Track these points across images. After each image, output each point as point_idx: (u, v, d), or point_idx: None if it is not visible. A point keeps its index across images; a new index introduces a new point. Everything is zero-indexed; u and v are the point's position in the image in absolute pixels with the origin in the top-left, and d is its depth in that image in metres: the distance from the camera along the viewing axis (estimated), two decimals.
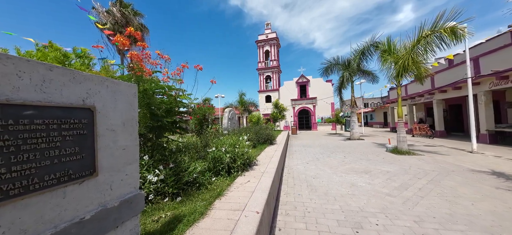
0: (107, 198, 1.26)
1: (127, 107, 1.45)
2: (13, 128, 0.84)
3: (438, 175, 5.05)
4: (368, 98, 49.22)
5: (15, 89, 0.87)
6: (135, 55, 2.48)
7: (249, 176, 3.33)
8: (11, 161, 0.83)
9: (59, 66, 1.05)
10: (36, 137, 0.91)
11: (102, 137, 1.24)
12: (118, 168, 1.34)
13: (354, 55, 13.30)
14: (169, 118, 2.86)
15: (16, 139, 0.85)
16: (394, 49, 8.71)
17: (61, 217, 1.00)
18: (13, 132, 0.84)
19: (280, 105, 21.83)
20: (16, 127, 0.85)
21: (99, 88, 1.25)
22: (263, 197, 2.33)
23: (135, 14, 17.93)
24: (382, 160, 6.84)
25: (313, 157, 7.72)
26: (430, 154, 7.90)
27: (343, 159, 7.24)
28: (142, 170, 2.53)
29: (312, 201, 3.51)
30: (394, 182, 4.49)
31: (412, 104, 18.57)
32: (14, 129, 0.84)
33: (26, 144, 0.88)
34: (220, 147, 3.53)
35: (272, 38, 31.37)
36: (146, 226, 1.85)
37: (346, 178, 4.83)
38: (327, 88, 27.98)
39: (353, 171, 5.47)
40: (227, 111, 7.75)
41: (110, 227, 1.25)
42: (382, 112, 34.05)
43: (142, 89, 2.57)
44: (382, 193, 3.84)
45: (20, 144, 0.86)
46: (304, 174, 5.35)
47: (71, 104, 1.08)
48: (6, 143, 0.82)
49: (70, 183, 1.04)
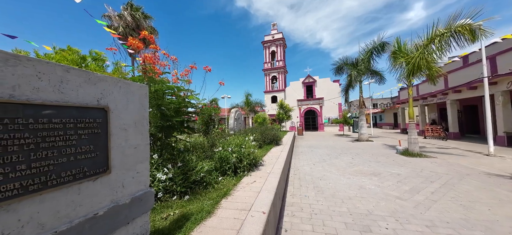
0: (119, 195, 1.29)
1: (139, 107, 1.49)
2: (33, 127, 0.88)
3: (452, 178, 4.85)
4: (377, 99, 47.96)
5: (35, 90, 0.91)
6: (148, 57, 2.55)
7: (255, 176, 3.33)
8: (31, 158, 0.87)
9: (76, 68, 1.09)
10: (54, 135, 0.95)
11: (115, 136, 1.29)
12: (129, 166, 1.38)
13: (362, 55, 13.02)
14: (178, 118, 2.91)
15: (36, 137, 0.89)
16: (405, 48, 8.46)
17: (76, 213, 1.04)
18: (33, 130, 0.88)
19: (285, 105, 21.67)
20: (35, 126, 0.89)
21: (113, 89, 1.29)
22: (269, 198, 2.33)
23: (145, 17, 18.36)
24: (392, 162, 6.65)
25: (320, 159, 7.62)
26: (444, 156, 7.60)
27: (351, 160, 7.10)
28: (151, 169, 2.59)
29: (318, 203, 3.47)
30: (405, 185, 4.35)
31: (424, 105, 17.95)
32: (34, 127, 0.89)
33: (44, 142, 0.92)
34: (226, 147, 3.55)
35: (278, 38, 31.26)
36: (155, 223, 1.89)
37: (354, 180, 4.73)
38: (335, 88, 27.53)
39: (362, 173, 5.35)
40: (233, 112, 7.79)
41: (122, 223, 1.28)
42: (392, 113, 33.12)
43: (153, 90, 2.64)
44: (392, 196, 3.73)
45: (39, 142, 0.90)
46: (311, 175, 5.29)
47: (86, 104, 1.12)
48: (26, 141, 0.86)
49: (85, 180, 1.08)
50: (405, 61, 8.09)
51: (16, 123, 0.83)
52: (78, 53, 3.89)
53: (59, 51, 4.26)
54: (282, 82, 31.15)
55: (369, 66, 13.21)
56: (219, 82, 3.73)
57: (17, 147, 0.83)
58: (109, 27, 14.88)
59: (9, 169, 0.80)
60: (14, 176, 0.82)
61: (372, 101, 41.87)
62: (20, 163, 0.84)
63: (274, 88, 31.90)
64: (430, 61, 7.67)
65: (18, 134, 0.84)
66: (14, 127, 0.83)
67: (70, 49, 3.99)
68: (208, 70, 3.30)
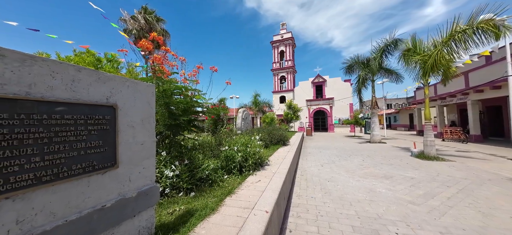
0: (126, 188, 1.36)
1: (146, 105, 1.55)
2: (47, 122, 0.95)
3: (471, 183, 4.55)
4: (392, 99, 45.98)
5: (49, 88, 0.98)
6: (157, 58, 2.64)
7: (260, 175, 3.33)
8: (44, 151, 0.94)
9: (87, 68, 1.16)
10: (66, 130, 1.02)
11: (123, 133, 1.35)
12: (136, 161, 1.44)
13: (374, 53, 12.57)
14: (185, 117, 2.99)
15: (49, 131, 0.96)
16: (421, 46, 8.07)
17: (85, 204, 1.10)
18: (47, 125, 0.95)
19: (294, 105, 21.41)
20: (49, 121, 0.96)
21: (121, 88, 1.36)
22: (273, 197, 2.32)
23: (158, 20, 18.97)
24: (406, 165, 6.36)
25: (328, 160, 7.46)
26: (463, 160, 7.14)
27: (361, 162, 6.88)
28: (159, 165, 2.68)
29: (325, 205, 3.39)
30: (418, 190, 4.15)
31: (442, 106, 16.97)
32: (48, 123, 0.96)
33: (57, 137, 0.98)
34: (232, 146, 3.59)
35: (287, 38, 31.01)
36: (161, 218, 1.95)
37: (364, 183, 4.57)
38: (346, 88, 26.80)
39: (372, 176, 5.17)
40: (241, 111, 7.84)
41: (128, 216, 1.34)
42: (407, 114, 31.63)
43: (161, 89, 2.73)
44: (404, 201, 3.57)
45: (52, 137, 0.97)
46: (318, 176, 5.19)
47: (96, 102, 1.19)
48: (40, 135, 0.93)
49: (94, 173, 1.15)
50: (420, 59, 7.71)
51: (31, 119, 0.90)
52: (94, 55, 4.12)
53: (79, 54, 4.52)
54: (291, 82, 30.83)
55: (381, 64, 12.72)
56: (226, 82, 3.78)
57: (32, 141, 0.90)
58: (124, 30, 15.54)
59: (25, 161, 0.87)
60: (29, 167, 0.88)
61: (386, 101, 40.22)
62: (35, 155, 0.90)
63: (282, 88, 31.66)
64: (449, 60, 7.26)
65: (33, 128, 0.91)
66: (29, 122, 0.90)
67: (88, 51, 4.25)
68: (214, 70, 3.35)
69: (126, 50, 2.59)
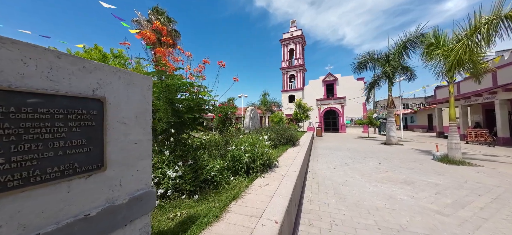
0: (116, 194, 1.19)
1: (141, 100, 1.39)
2: (15, 116, 0.80)
3: (505, 192, 4.04)
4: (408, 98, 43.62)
5: (19, 76, 0.82)
6: (160, 51, 2.51)
7: (268, 178, 3.11)
8: (11, 151, 0.78)
9: (69, 54, 1.00)
10: (39, 126, 0.86)
11: (113, 130, 1.19)
12: (128, 163, 1.28)
13: (394, 49, 11.83)
14: (189, 115, 2.83)
15: (18, 128, 0.80)
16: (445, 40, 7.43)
17: (65, 212, 0.95)
18: (14, 120, 0.80)
19: (303, 104, 20.88)
20: (18, 115, 0.80)
21: (111, 79, 1.19)
22: (283, 205, 2.09)
23: (169, 21, 19.30)
24: (428, 170, 5.85)
25: (341, 162, 7.07)
26: (492, 165, 6.47)
27: (377, 166, 6.43)
28: (162, 165, 2.55)
29: (340, 212, 3.11)
30: (445, 198, 3.73)
31: (466, 105, 15.76)
32: (16, 117, 0.80)
33: (28, 134, 0.83)
34: (239, 146, 3.40)
35: (297, 35, 30.41)
36: (161, 224, 1.80)
37: (382, 189, 4.21)
38: (358, 87, 25.70)
39: (391, 181, 4.77)
40: (249, 110, 7.66)
41: (118, 225, 1.18)
42: (425, 114, 29.84)
43: (164, 85, 2.59)
44: (430, 210, 3.20)
45: (21, 134, 0.81)
46: (331, 180, 4.87)
47: (80, 94, 1.03)
48: (6, 132, 0.77)
49: (76, 177, 0.99)
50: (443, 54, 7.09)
51: None
52: (101, 51, 4.14)
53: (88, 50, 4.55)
54: (301, 80, 30.22)
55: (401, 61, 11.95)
56: (233, 78, 3.60)
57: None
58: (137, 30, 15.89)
59: None
60: None
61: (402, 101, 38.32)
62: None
63: (291, 87, 31.13)
64: (475, 54, 6.61)
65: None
66: None
67: (96, 47, 4.27)
68: (222, 65, 3.18)
69: (128, 43, 2.49)
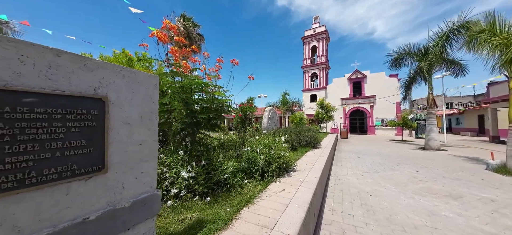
0: (118, 197, 1.16)
1: (146, 99, 1.34)
2: (10, 116, 0.78)
3: None
4: (453, 97, 38.05)
5: (15, 75, 0.81)
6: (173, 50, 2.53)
7: (285, 183, 2.91)
8: (5, 151, 0.76)
9: (69, 52, 0.98)
10: (36, 126, 0.84)
11: (115, 131, 1.15)
12: (132, 165, 1.24)
13: (433, 41, 10.38)
14: (204, 115, 2.80)
15: (12, 128, 0.78)
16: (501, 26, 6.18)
17: (62, 216, 0.92)
18: (9, 120, 0.78)
19: (326, 104, 19.74)
20: (12, 115, 0.78)
21: (114, 78, 1.16)
22: (300, 216, 1.88)
23: (195, 26, 20.24)
24: (481, 182, 4.91)
25: (369, 168, 6.41)
26: None
27: (415, 174, 5.65)
28: (177, 165, 2.55)
29: (368, 227, 2.74)
30: (505, 218, 3.03)
31: None
32: (11, 117, 0.78)
33: (23, 134, 0.81)
34: (255, 148, 3.26)
35: (320, 32, 29.03)
36: (171, 226, 1.76)
37: (421, 202, 3.62)
38: (391, 85, 23.32)
39: (432, 193, 4.10)
40: (267, 110, 7.48)
41: (119, 230, 1.14)
42: (475, 115, 25.56)
43: (178, 85, 2.59)
44: (485, 233, 2.61)
45: (16, 134, 0.79)
46: (357, 188, 4.41)
47: (80, 93, 1.00)
48: (0, 132, 0.76)
49: (74, 179, 0.96)
50: (500, 42, 5.90)
51: None
52: (127, 54, 4.46)
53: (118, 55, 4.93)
54: (324, 79, 28.78)
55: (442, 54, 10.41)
56: (248, 76, 3.49)
57: None
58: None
59: None
60: None
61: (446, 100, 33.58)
62: None
63: (313, 86, 29.88)
64: None
65: None
66: None
67: (123, 51, 4.62)
68: (235, 64, 3.09)
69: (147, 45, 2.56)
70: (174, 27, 2.60)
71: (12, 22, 7.40)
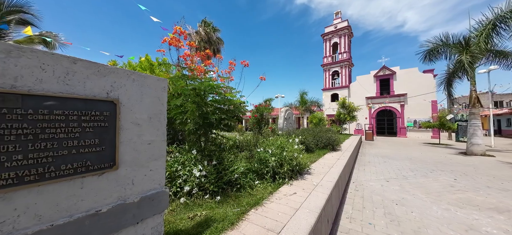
0: (128, 192, 1.24)
1: (155, 101, 1.42)
2: (32, 117, 0.88)
3: None
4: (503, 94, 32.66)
5: (37, 81, 0.92)
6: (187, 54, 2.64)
7: (297, 186, 2.81)
8: (28, 148, 0.87)
9: (84, 59, 1.08)
10: (55, 127, 0.94)
11: (126, 131, 1.24)
12: (141, 163, 1.32)
13: (476, 31, 9.02)
14: (215, 116, 2.86)
15: (35, 128, 0.89)
16: None
17: (77, 207, 1.01)
18: (32, 121, 0.88)
19: (348, 104, 18.61)
20: (35, 116, 0.89)
21: (125, 82, 1.25)
22: (309, 222, 1.79)
23: (215, 31, 21.02)
24: None
25: (397, 174, 5.86)
26: None
27: (452, 182, 4.99)
28: (190, 164, 2.66)
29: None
30: None
31: None
32: (33, 118, 0.89)
33: (44, 133, 0.91)
34: (267, 148, 3.22)
35: (342, 27, 27.53)
36: (181, 222, 1.84)
37: (458, 215, 3.18)
38: (425, 82, 20.97)
39: (472, 205, 3.57)
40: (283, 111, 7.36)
41: (129, 223, 1.22)
42: None
43: (191, 88, 2.69)
44: None
45: (38, 133, 0.90)
46: (381, 195, 4.05)
47: (94, 96, 1.10)
48: (24, 131, 0.86)
49: (88, 174, 1.05)
50: None
51: (14, 113, 0.84)
52: (149, 60, 4.82)
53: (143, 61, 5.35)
54: (346, 77, 27.23)
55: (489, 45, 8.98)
56: (260, 77, 3.47)
57: (14, 137, 0.84)
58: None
59: (5, 158, 0.81)
60: (10, 165, 0.82)
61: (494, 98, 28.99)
62: (16, 153, 0.84)
63: (334, 85, 28.46)
64: None
65: (16, 124, 0.84)
66: (12, 117, 0.84)
67: (146, 57, 5.01)
68: (245, 65, 3.09)
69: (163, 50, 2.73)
70: (184, 33, 2.71)
71: (59, 35, 8.60)
